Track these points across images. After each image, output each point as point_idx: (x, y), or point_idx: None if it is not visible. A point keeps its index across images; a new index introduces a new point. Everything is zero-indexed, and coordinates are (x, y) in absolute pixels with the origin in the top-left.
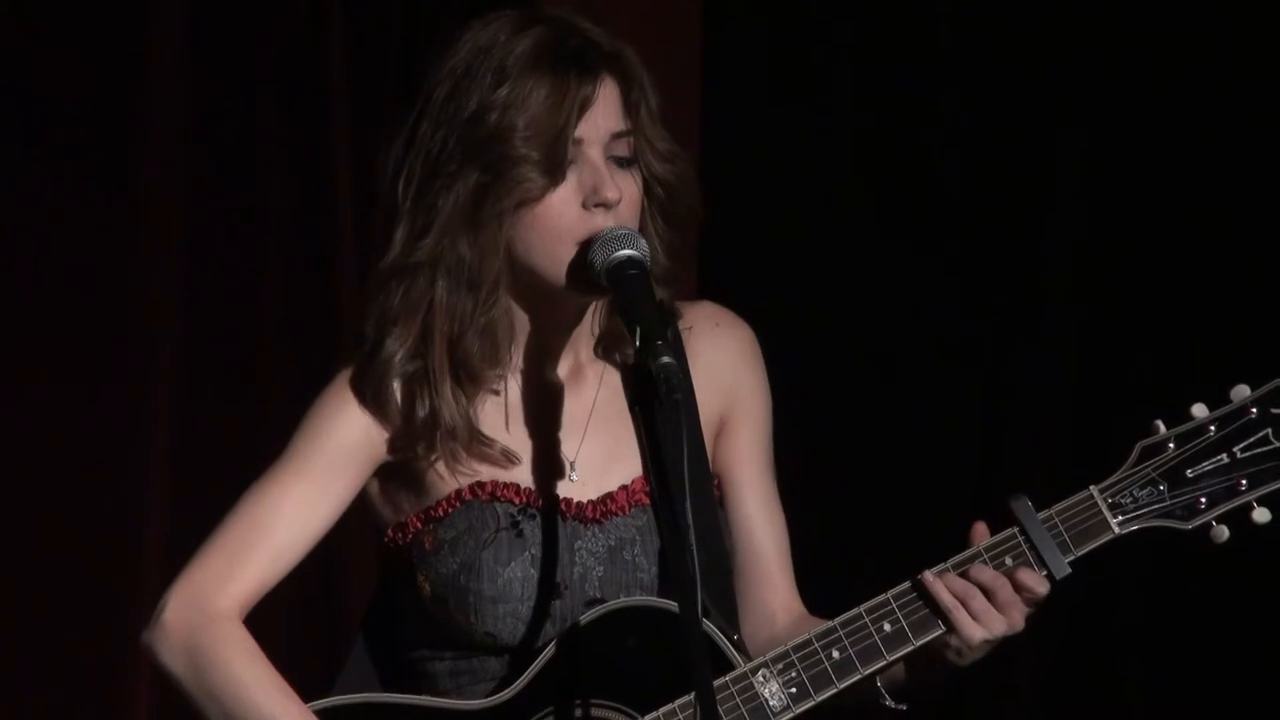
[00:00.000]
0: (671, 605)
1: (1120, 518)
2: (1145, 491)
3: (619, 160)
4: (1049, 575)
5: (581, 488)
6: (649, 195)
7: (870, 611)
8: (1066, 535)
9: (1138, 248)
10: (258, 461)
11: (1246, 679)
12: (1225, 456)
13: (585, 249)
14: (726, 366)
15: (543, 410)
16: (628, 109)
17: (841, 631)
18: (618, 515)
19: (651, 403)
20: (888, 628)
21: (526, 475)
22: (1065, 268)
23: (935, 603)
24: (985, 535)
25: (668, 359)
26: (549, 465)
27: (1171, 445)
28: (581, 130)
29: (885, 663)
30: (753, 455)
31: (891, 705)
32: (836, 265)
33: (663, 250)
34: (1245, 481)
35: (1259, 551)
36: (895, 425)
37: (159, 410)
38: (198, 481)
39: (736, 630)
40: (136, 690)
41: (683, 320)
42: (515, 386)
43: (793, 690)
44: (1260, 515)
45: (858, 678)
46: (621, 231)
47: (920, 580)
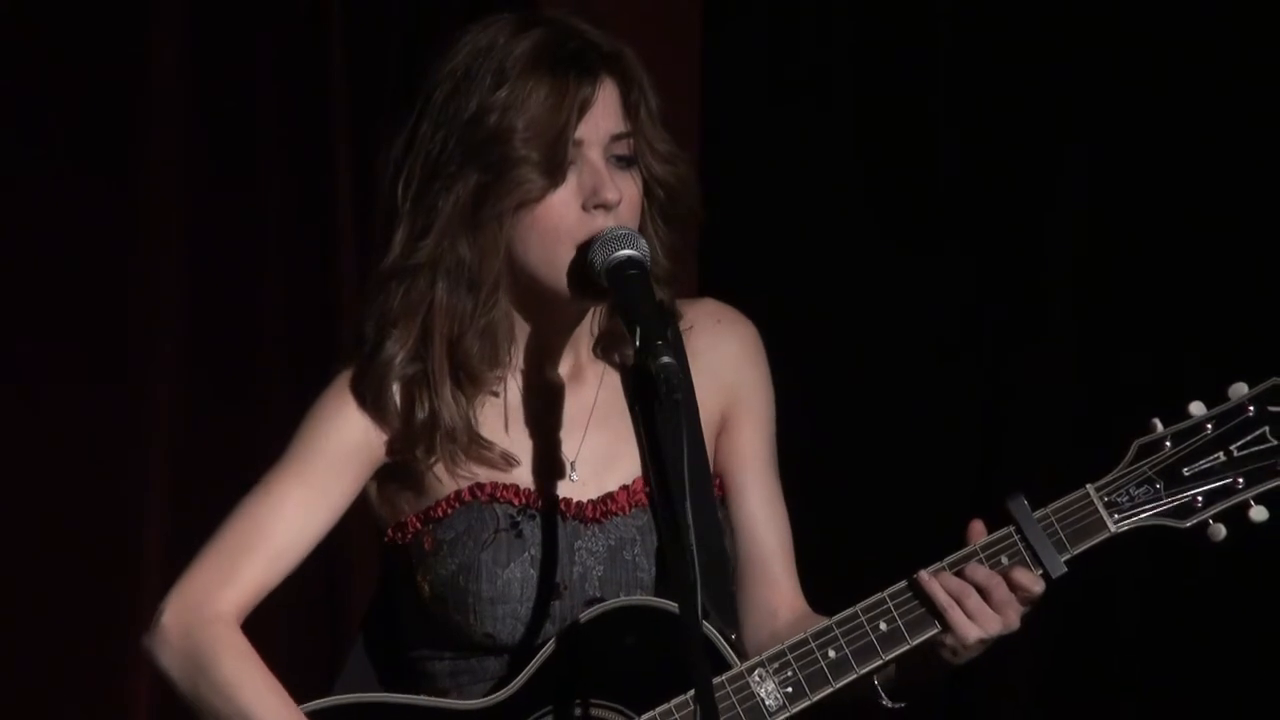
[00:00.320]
0: (670, 605)
1: (1116, 516)
2: (1142, 490)
3: (619, 161)
4: (1045, 574)
5: (582, 487)
6: (649, 196)
7: (867, 610)
8: (1062, 534)
9: (1138, 247)
10: (258, 461)
11: (1244, 678)
12: (1222, 455)
13: (585, 250)
14: (728, 364)
15: (543, 411)
16: (627, 110)
17: (838, 631)
18: (618, 515)
19: (651, 403)
20: (884, 627)
21: (526, 476)
22: (1065, 268)
23: (931, 601)
24: (982, 534)
25: (668, 359)
26: (549, 466)
27: (1168, 443)
28: (581, 131)
29: (881, 662)
30: (756, 452)
31: (889, 704)
32: (836, 265)
33: (663, 251)
34: (1242, 480)
35: (1256, 550)
36: (895, 425)
37: (159, 410)
38: (198, 481)
39: (735, 630)
40: (136, 690)
41: (684, 320)
42: (515, 387)
43: (789, 690)
44: (1257, 513)
45: (854, 677)
46: (621, 231)
47: (916, 579)
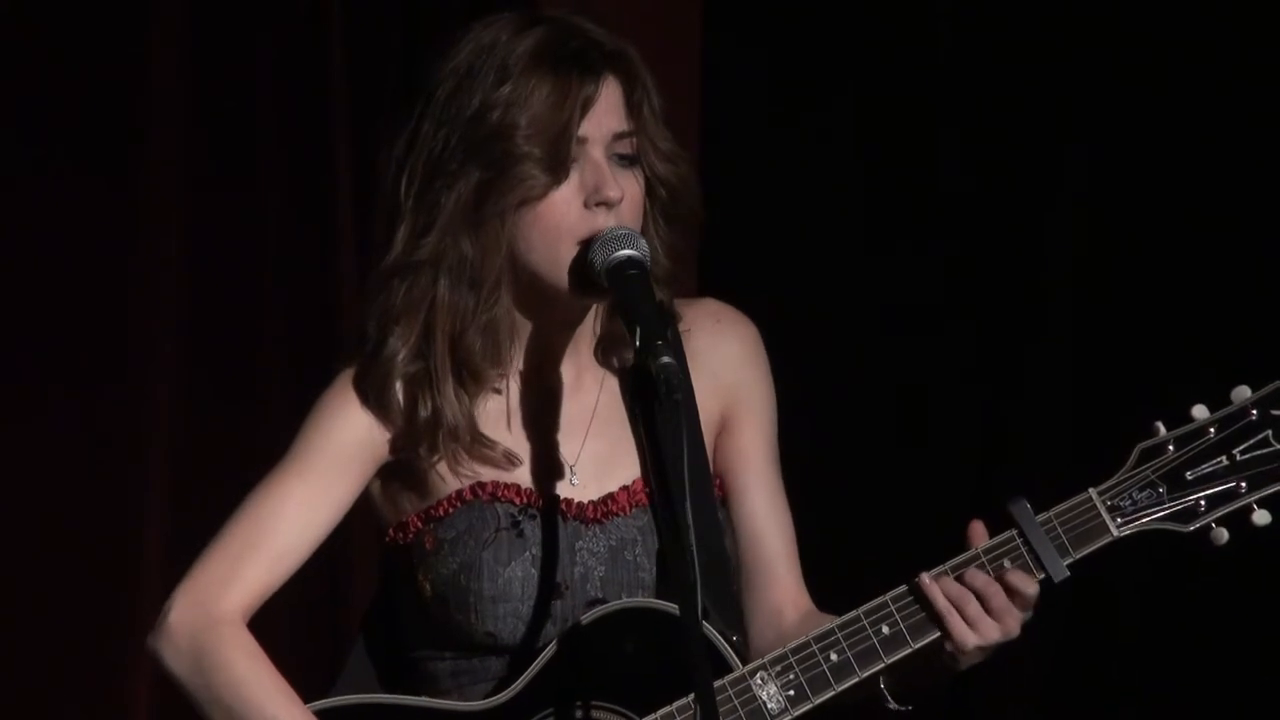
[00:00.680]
0: (672, 607)
1: (1119, 520)
2: (1144, 494)
3: (621, 160)
4: (1047, 578)
5: (582, 490)
6: (651, 196)
7: (869, 614)
8: (1065, 538)
9: (1138, 248)
10: (258, 461)
11: (1246, 681)
12: (1225, 459)
13: (586, 248)
14: (728, 365)
15: (544, 411)
16: (630, 109)
17: (840, 634)
18: (619, 515)
19: (651, 403)
20: (886, 630)
21: (527, 476)
22: (1065, 268)
23: (930, 606)
24: (983, 535)
25: (667, 359)
26: (550, 466)
27: (1171, 447)
28: (584, 129)
29: (883, 665)
30: (758, 452)
31: (894, 707)
32: (837, 265)
33: (663, 251)
34: (1245, 484)
35: (1259, 554)
36: (895, 425)
37: (159, 410)
38: (198, 481)
39: (736, 632)
40: (137, 690)
41: (683, 320)
42: (516, 387)
43: (790, 693)
44: (1260, 517)
45: (855, 680)
46: (622, 231)
47: (916, 583)
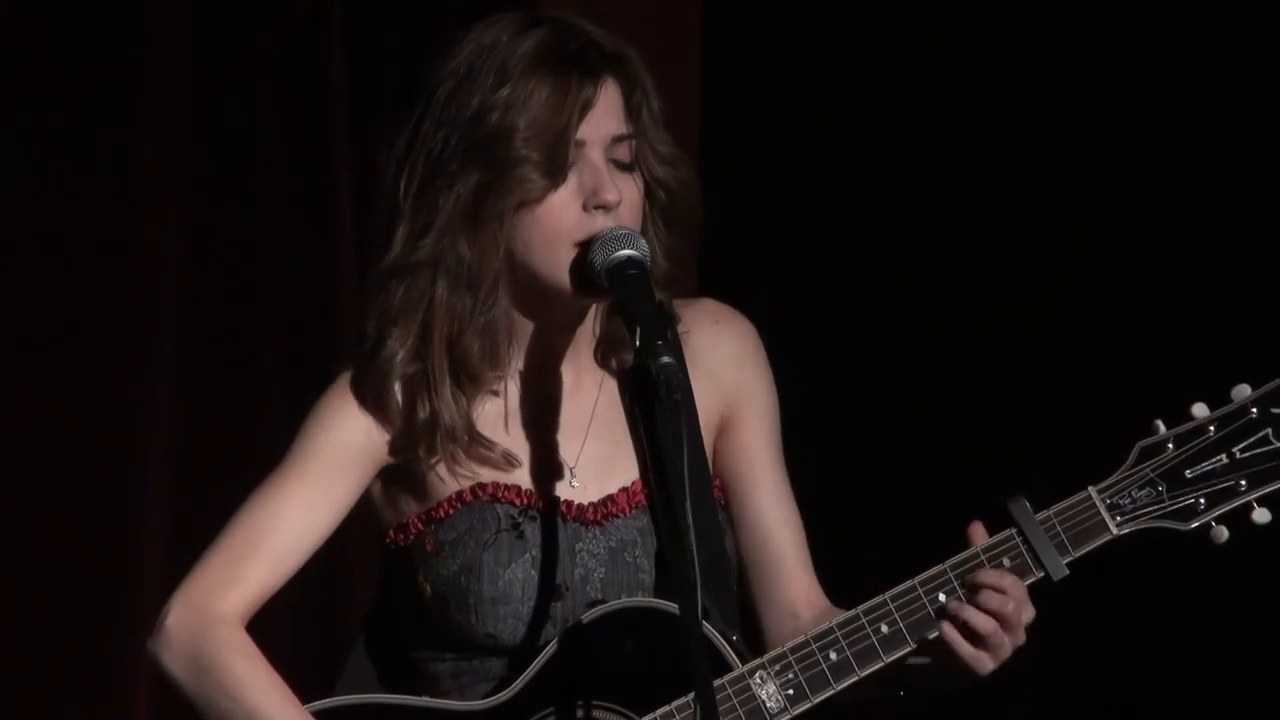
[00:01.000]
0: (672, 606)
1: (1119, 519)
2: (1144, 492)
3: (620, 163)
4: (1046, 576)
5: (582, 491)
6: (650, 199)
7: (868, 613)
8: (1064, 536)
9: (1138, 247)
10: (258, 461)
11: (1247, 681)
12: (1225, 457)
13: (585, 250)
14: (728, 365)
15: (543, 413)
16: (629, 112)
17: (839, 633)
18: (618, 517)
19: (651, 403)
20: (885, 629)
21: (527, 477)
22: (1065, 268)
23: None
24: (982, 535)
25: (667, 359)
26: (549, 467)
27: (1170, 446)
28: (583, 132)
29: (883, 664)
30: (762, 451)
31: (904, 694)
32: (836, 265)
33: (663, 253)
34: (1245, 482)
35: (1259, 552)
36: (895, 425)
37: (159, 410)
38: (198, 481)
39: (736, 631)
40: (136, 691)
41: (682, 322)
42: (515, 389)
43: (790, 692)
44: (1260, 516)
45: (855, 679)
46: (622, 231)
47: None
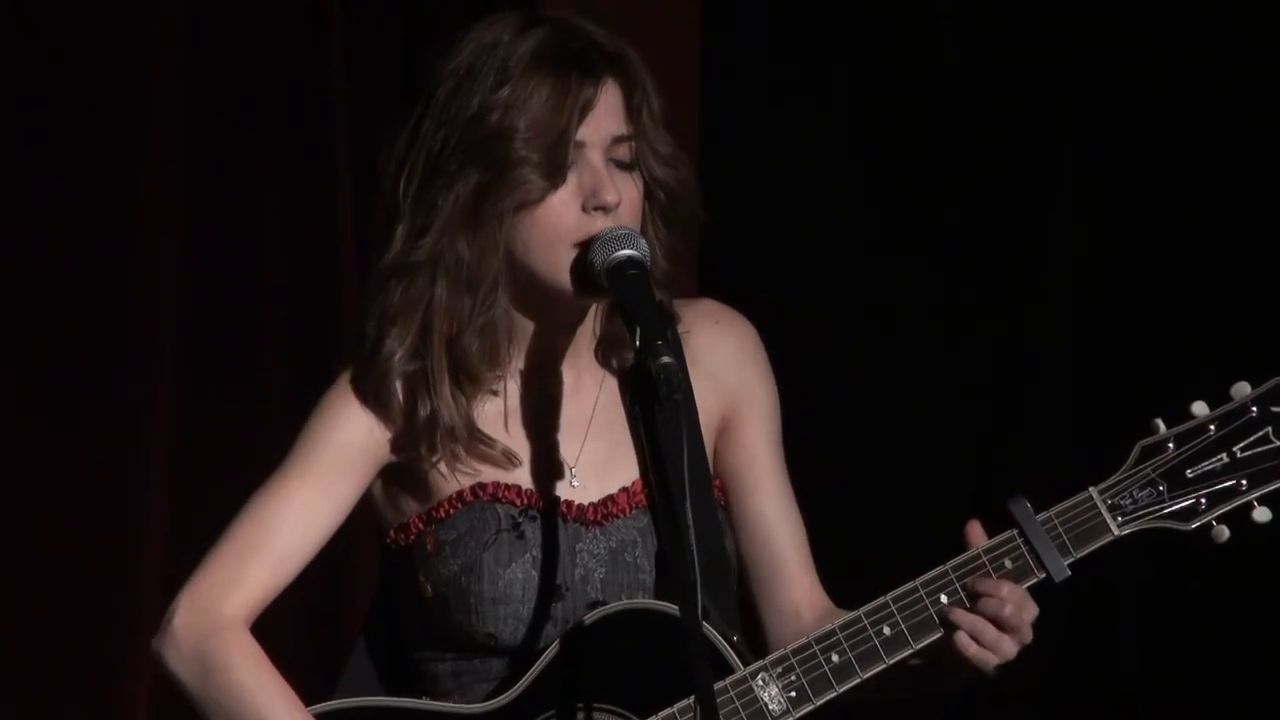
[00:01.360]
0: (672, 608)
1: (1120, 519)
2: (1145, 492)
3: (620, 164)
4: (1048, 577)
5: (582, 491)
6: (650, 199)
7: (870, 614)
8: (1066, 537)
9: (1138, 247)
10: (258, 461)
11: (1248, 681)
12: (1225, 456)
13: (585, 250)
14: (728, 366)
15: (543, 413)
16: (629, 112)
17: (841, 635)
18: (619, 517)
19: (651, 403)
20: (887, 631)
21: (527, 477)
22: (1065, 267)
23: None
24: (980, 534)
25: (667, 359)
26: (549, 467)
27: (1171, 445)
28: (583, 133)
29: (884, 666)
30: (763, 451)
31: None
32: (836, 265)
33: (662, 254)
34: (1245, 481)
35: (1260, 551)
36: (895, 425)
37: (159, 410)
38: (198, 481)
39: (736, 632)
40: (136, 691)
41: (682, 323)
42: (515, 389)
43: (792, 694)
44: (1261, 515)
45: (857, 681)
46: (621, 231)
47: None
